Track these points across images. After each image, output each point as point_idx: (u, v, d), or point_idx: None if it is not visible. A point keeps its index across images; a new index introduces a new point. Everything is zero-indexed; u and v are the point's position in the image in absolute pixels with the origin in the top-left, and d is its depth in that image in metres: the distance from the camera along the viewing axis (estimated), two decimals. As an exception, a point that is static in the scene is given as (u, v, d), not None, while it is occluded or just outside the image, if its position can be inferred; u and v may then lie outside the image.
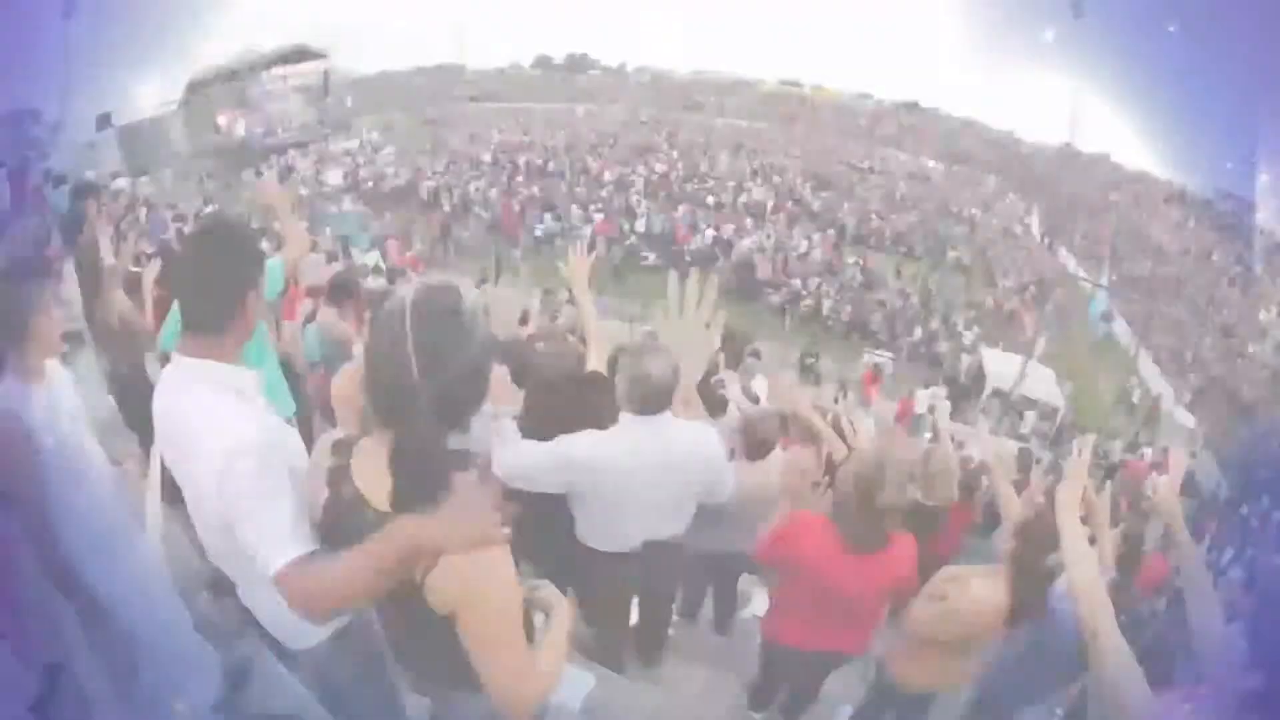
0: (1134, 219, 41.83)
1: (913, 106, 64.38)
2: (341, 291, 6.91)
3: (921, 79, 65.21)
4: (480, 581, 1.97)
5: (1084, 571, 2.75)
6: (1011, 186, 53.06)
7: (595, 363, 4.40)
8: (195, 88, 37.29)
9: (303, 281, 9.10)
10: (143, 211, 22.89)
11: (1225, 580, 8.86)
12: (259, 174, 34.08)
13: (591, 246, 20.23)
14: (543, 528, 3.80)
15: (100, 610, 3.11)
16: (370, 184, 35.73)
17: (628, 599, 4.50)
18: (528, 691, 2.12)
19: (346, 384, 3.73)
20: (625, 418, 3.63)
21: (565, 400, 3.91)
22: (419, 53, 56.76)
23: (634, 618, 4.75)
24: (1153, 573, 6.55)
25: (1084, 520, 3.29)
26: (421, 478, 1.92)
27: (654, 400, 3.55)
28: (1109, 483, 6.30)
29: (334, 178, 35.92)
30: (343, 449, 2.15)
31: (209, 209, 27.38)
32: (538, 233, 29.96)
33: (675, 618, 5.65)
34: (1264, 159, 39.37)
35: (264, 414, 2.53)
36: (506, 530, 1.84)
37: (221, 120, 38.74)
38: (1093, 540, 3.67)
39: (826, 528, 3.78)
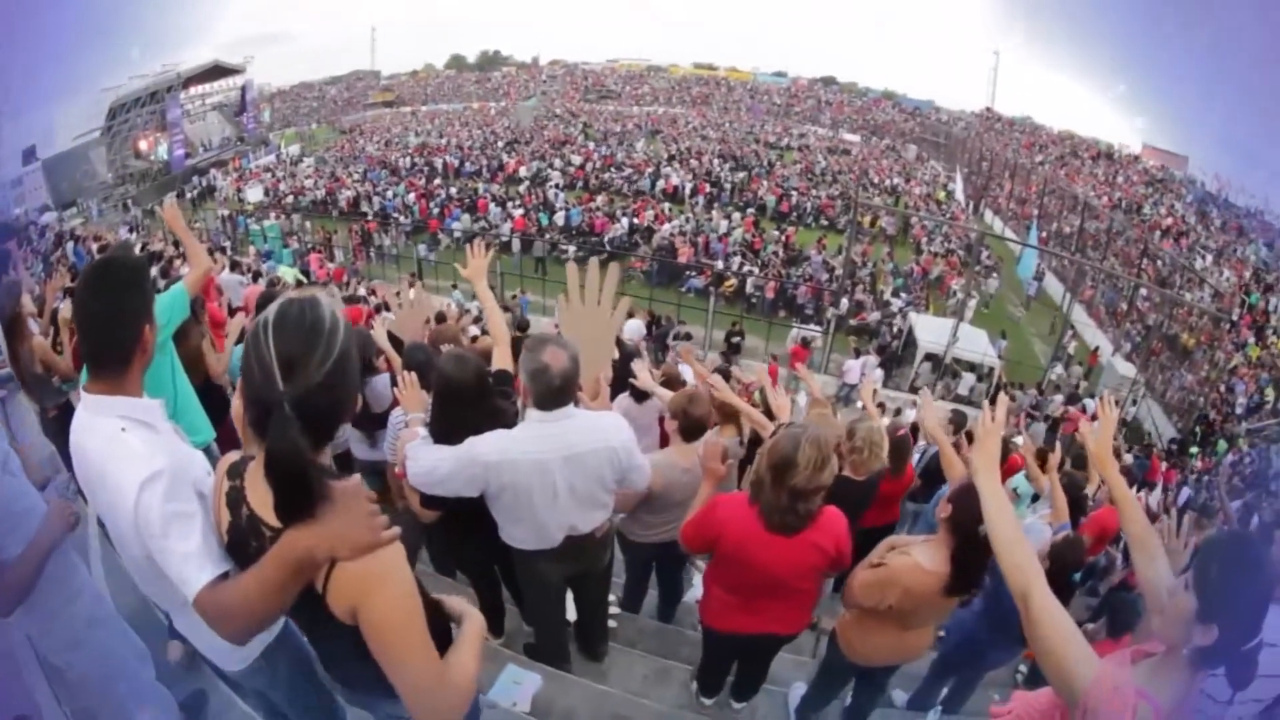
0: (1060, 178, 42.15)
1: (829, 82, 65.60)
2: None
3: (837, 54, 65.97)
4: (374, 586, 1.97)
5: (1002, 533, 2.58)
6: (932, 154, 54.27)
7: (501, 361, 4.47)
8: (116, 113, 37.03)
9: (225, 302, 9.15)
10: (69, 245, 22.74)
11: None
12: (181, 196, 34.49)
13: (510, 245, 19.88)
14: (468, 532, 4.15)
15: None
16: (290, 198, 35.38)
17: (559, 595, 4.48)
18: (441, 700, 2.10)
19: (238, 404, 3.38)
20: (530, 414, 3.61)
21: (471, 401, 3.89)
22: (333, 61, 56.81)
23: (572, 613, 4.82)
24: (1106, 523, 6.72)
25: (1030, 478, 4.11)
26: (295, 491, 1.91)
27: (556, 394, 3.52)
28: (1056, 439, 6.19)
29: (255, 194, 35.57)
30: (236, 471, 2.16)
31: (131, 237, 27.36)
32: (456, 234, 29.70)
33: (618, 609, 5.73)
34: (1194, 110, 40.00)
35: (170, 442, 2.50)
36: (393, 531, 1.95)
37: (142, 144, 38.62)
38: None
39: (747, 509, 3.63)
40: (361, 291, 18.43)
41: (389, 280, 23.92)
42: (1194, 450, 19.67)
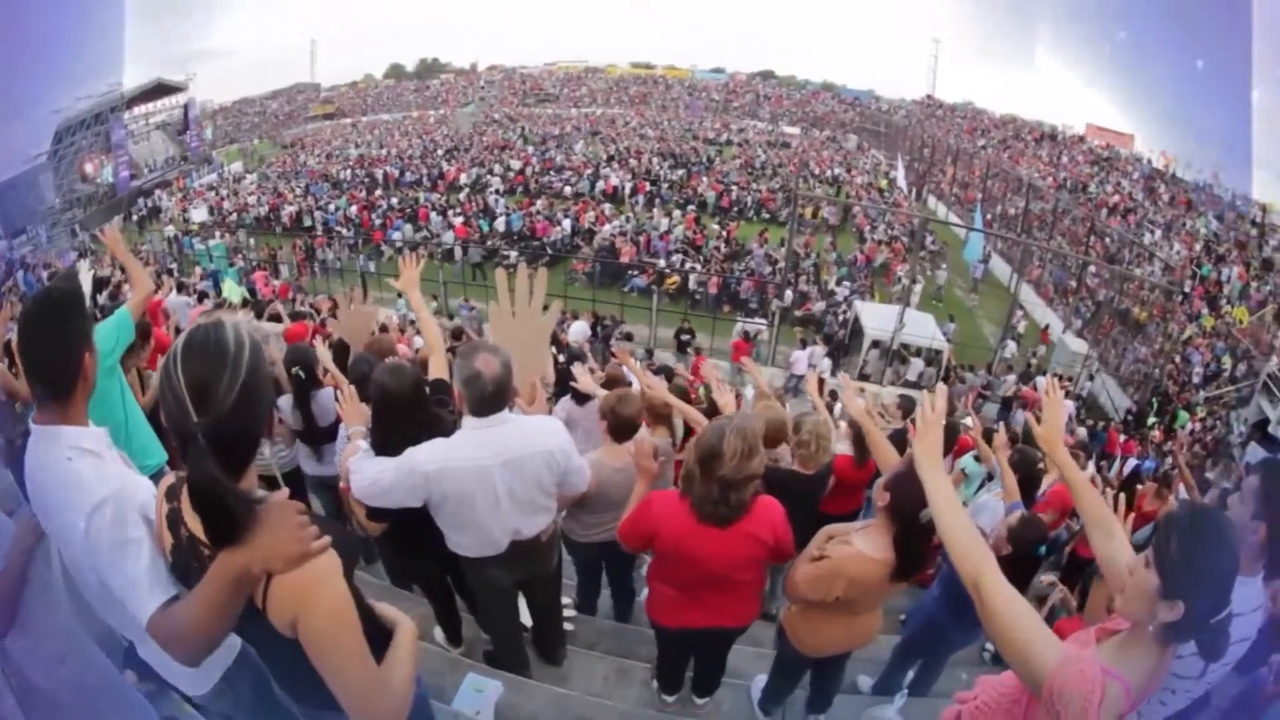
0: (1004, 161, 42.45)
1: (768, 76, 65.96)
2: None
3: (775, 48, 66.10)
4: (309, 597, 1.98)
5: (949, 524, 2.54)
6: (874, 143, 54.56)
7: (438, 370, 4.54)
8: (62, 136, 36.31)
9: (173, 325, 9.40)
10: (19, 274, 22.65)
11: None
12: (127, 219, 34.47)
13: (452, 253, 19.82)
14: (415, 544, 4.19)
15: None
16: (235, 216, 34.94)
17: (511, 601, 4.51)
18: (380, 706, 2.12)
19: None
20: (466, 421, 3.62)
21: (409, 412, 3.92)
22: (274, 75, 56.31)
23: (527, 618, 4.86)
24: (1066, 497, 6.47)
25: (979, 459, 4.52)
26: (218, 519, 1.93)
27: (490, 401, 3.52)
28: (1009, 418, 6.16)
29: (200, 214, 35.07)
30: (174, 493, 2.16)
31: (80, 264, 26.48)
32: (399, 244, 29.36)
33: (574, 612, 5.72)
34: (1140, 89, 40.23)
35: (116, 469, 2.51)
36: (323, 541, 1.96)
37: (88, 167, 37.94)
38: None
39: (680, 504, 3.61)
40: (307, 307, 18.22)
41: (334, 294, 22.44)
42: (1152, 421, 19.78)
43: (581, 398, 6.21)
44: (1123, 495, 3.74)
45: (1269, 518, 2.77)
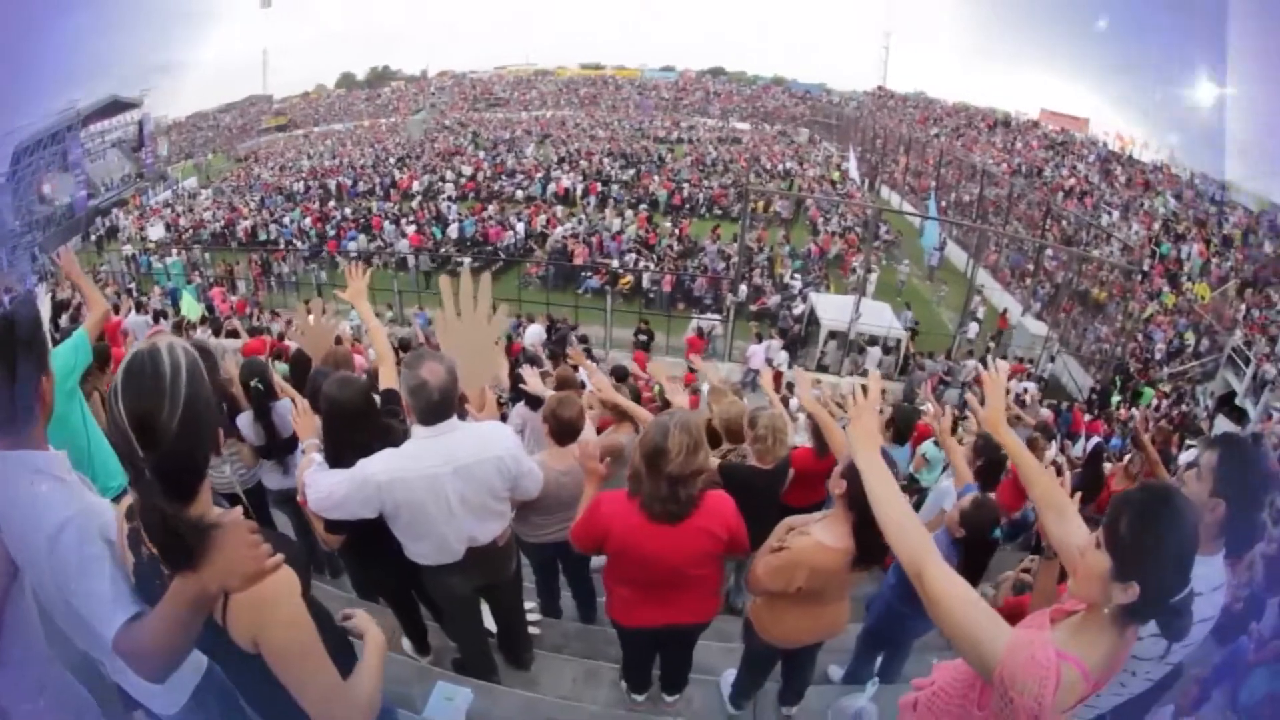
0: (957, 149, 42.76)
1: (718, 73, 66.32)
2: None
3: (725, 44, 66.25)
4: (267, 614, 2.02)
5: (886, 511, 2.47)
6: (825, 135, 54.91)
7: (388, 380, 4.52)
8: (20, 157, 35.56)
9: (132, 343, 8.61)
10: None
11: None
12: (86, 239, 33.99)
13: (406, 262, 20.33)
14: (374, 555, 4.17)
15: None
16: (191, 232, 34.56)
17: (473, 607, 4.51)
18: (345, 717, 2.17)
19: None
20: (415, 430, 3.62)
21: (359, 423, 3.90)
22: (227, 87, 55.85)
23: (491, 623, 4.87)
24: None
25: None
26: (170, 544, 1.96)
27: (437, 408, 3.52)
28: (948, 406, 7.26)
29: (157, 232, 34.39)
30: (133, 512, 2.15)
31: (40, 287, 26.44)
32: (353, 254, 28.19)
33: (539, 616, 5.73)
34: (1091, 72, 40.45)
35: (77, 492, 2.47)
36: (276, 559, 1.98)
37: (46, 188, 37.28)
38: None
39: (629, 503, 3.59)
40: (265, 321, 18.56)
41: (290, 308, 22.85)
42: (1115, 400, 19.79)
43: (535, 401, 6.08)
44: (1073, 473, 3.69)
45: (1227, 495, 2.72)
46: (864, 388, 2.78)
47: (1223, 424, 18.85)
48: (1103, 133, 38.55)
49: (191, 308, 19.39)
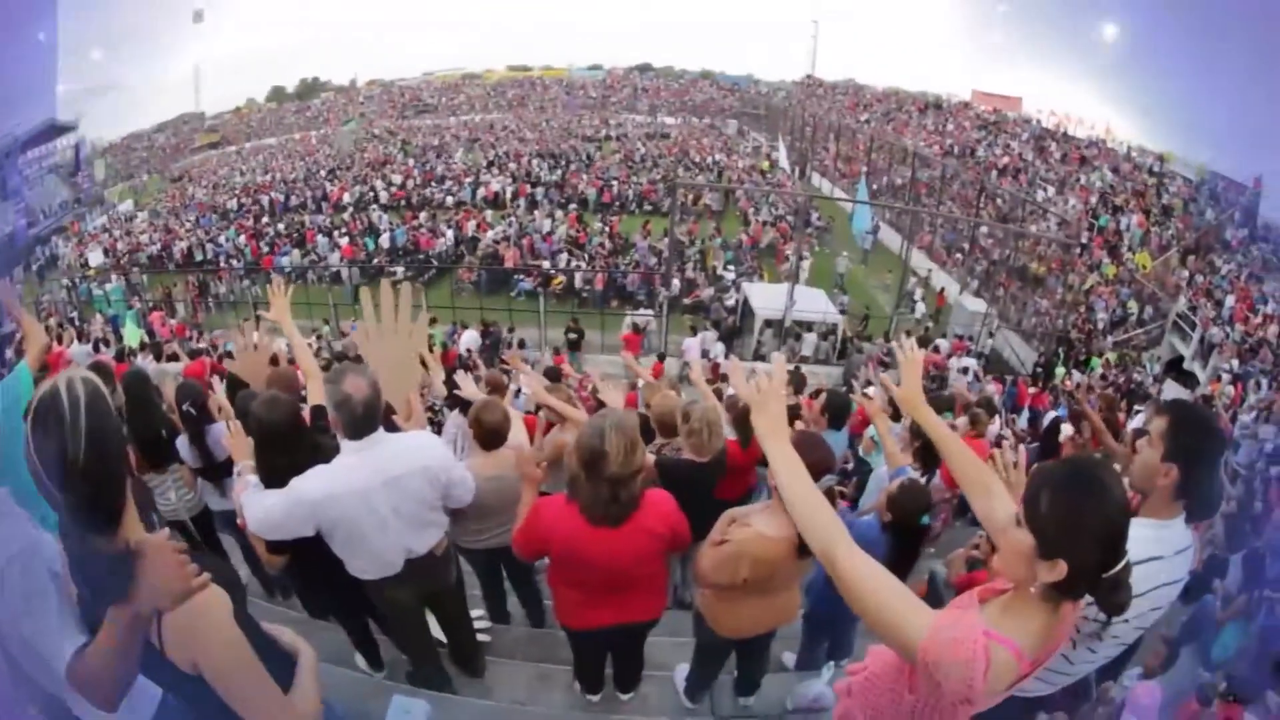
0: (888, 133, 43.07)
1: (645, 69, 66.48)
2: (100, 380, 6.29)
3: (651, 40, 66.40)
4: (200, 635, 2.09)
5: (793, 496, 2.34)
6: (754, 126, 55.22)
7: (316, 396, 4.40)
8: None
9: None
10: None
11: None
12: (28, 269, 33.23)
13: (340, 275, 20.44)
14: (315, 574, 4.18)
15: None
16: (128, 256, 33.73)
17: (419, 618, 4.51)
18: None
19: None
20: (344, 445, 3.64)
21: (288, 442, 3.88)
22: (160, 106, 55.12)
23: (439, 633, 4.84)
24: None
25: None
26: (90, 570, 2.07)
27: (362, 422, 3.55)
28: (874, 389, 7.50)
29: (96, 258, 33.70)
30: None
31: None
32: (287, 270, 28.23)
33: (488, 622, 5.72)
34: (1024, 53, 40.94)
35: (20, 527, 2.47)
36: (203, 578, 1.97)
37: None
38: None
39: (568, 508, 3.58)
40: (203, 344, 18.39)
41: (228, 327, 22.65)
42: (1059, 371, 19.86)
43: (467, 407, 5.84)
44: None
45: (1179, 459, 2.67)
46: (767, 375, 2.63)
47: (1172, 388, 19.13)
48: (1036, 110, 38.86)
49: (133, 334, 19.88)
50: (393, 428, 4.13)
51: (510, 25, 67.46)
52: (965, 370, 17.61)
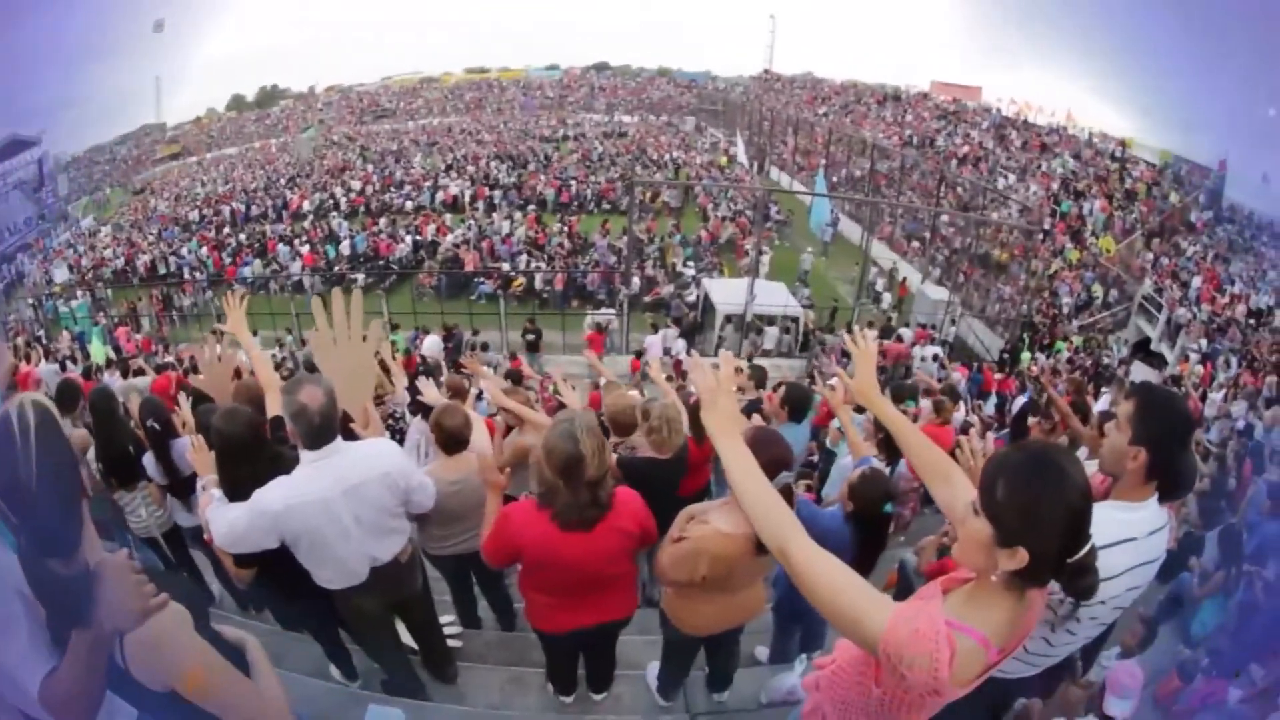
0: (846, 126, 43.52)
1: (602, 67, 67.03)
2: (67, 400, 6.99)
3: (608, 38, 66.67)
4: (164, 650, 2.12)
5: (744, 493, 2.29)
6: (711, 122, 55.78)
7: (275, 407, 4.46)
8: None
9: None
10: None
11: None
12: None
13: (302, 283, 20.40)
14: (288, 585, 4.10)
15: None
16: (92, 272, 33.28)
17: (388, 626, 4.52)
18: (273, 716, 2.41)
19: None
20: (303, 455, 3.61)
21: (249, 454, 3.88)
22: (122, 118, 54.72)
23: (410, 640, 4.85)
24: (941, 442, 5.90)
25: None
26: (50, 593, 2.04)
27: (319, 432, 3.53)
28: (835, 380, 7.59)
29: (61, 274, 33.34)
30: None
31: None
32: (250, 280, 28.38)
33: (459, 628, 5.73)
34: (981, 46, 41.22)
35: None
36: (161, 598, 1.99)
37: None
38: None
39: (540, 514, 3.55)
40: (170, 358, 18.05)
41: (194, 340, 22.57)
42: (1025, 356, 20.01)
43: (429, 412, 5.76)
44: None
45: (1147, 442, 2.66)
46: (716, 371, 2.61)
47: (1140, 370, 19.20)
48: (996, 99, 39.21)
49: (99, 351, 19.88)
50: (351, 436, 4.10)
51: (467, 27, 67.45)
52: (934, 358, 17.73)
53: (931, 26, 47.27)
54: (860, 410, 6.91)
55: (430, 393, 6.04)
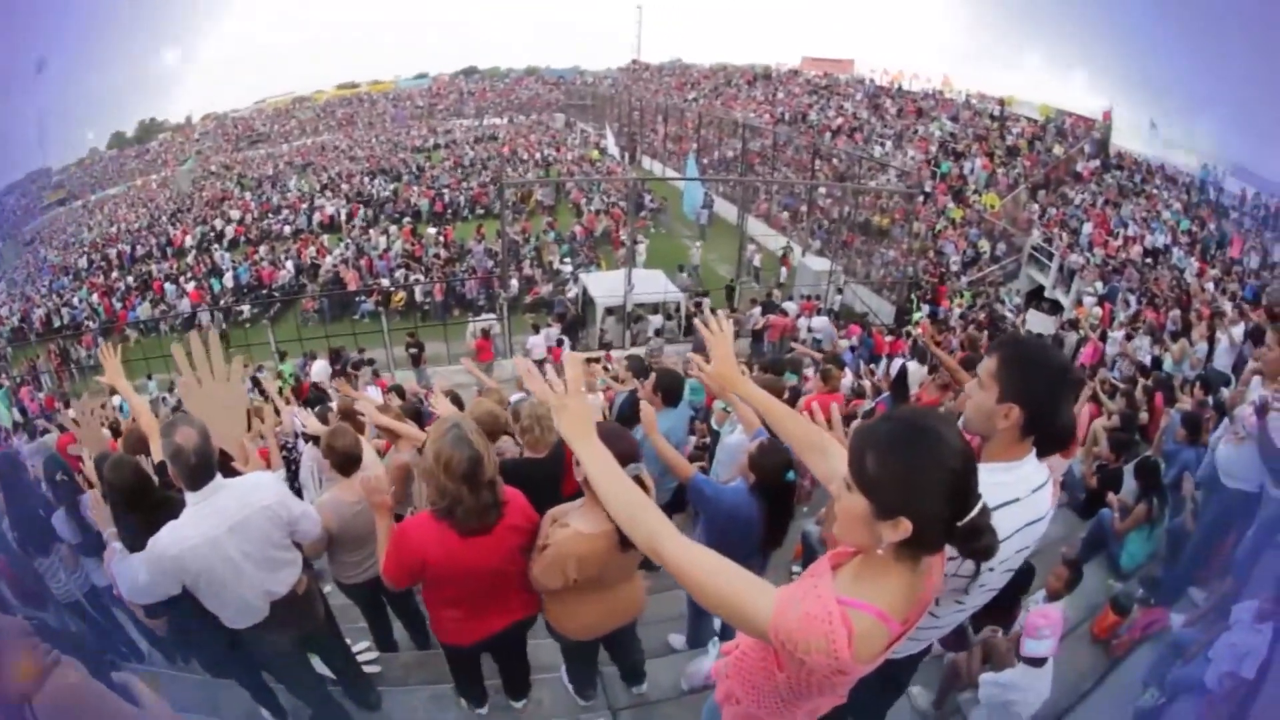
0: (716, 109, 44.17)
1: (470, 72, 67.59)
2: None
3: (475, 42, 67.01)
4: (64, 706, 2.20)
5: (606, 493, 2.22)
6: (580, 117, 56.24)
7: (158, 452, 4.39)
8: None
9: None
10: None
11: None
12: None
13: (193, 319, 20.11)
14: (199, 632, 4.14)
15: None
16: (-9, 333, 32.12)
17: (302, 660, 4.48)
18: None
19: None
20: (187, 497, 3.58)
21: (139, 501, 3.93)
22: (8, 165, 53.73)
23: (327, 671, 4.82)
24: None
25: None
26: None
27: (197, 471, 3.51)
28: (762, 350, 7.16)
29: (-39, 337, 31.84)
30: None
31: None
32: (141, 322, 27.80)
33: (375, 653, 5.71)
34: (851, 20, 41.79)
35: None
36: (54, 656, 2.19)
37: None
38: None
39: (438, 525, 3.53)
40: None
41: (93, 393, 21.98)
42: (915, 316, 19.90)
43: (319, 440, 5.85)
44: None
45: (1018, 398, 2.53)
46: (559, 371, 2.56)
47: (1035, 318, 19.51)
48: (870, 70, 39.95)
49: (4, 415, 19.10)
50: (231, 474, 3.97)
51: (336, 44, 67.09)
52: (819, 330, 18.06)
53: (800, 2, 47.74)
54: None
55: (311, 423, 6.07)
